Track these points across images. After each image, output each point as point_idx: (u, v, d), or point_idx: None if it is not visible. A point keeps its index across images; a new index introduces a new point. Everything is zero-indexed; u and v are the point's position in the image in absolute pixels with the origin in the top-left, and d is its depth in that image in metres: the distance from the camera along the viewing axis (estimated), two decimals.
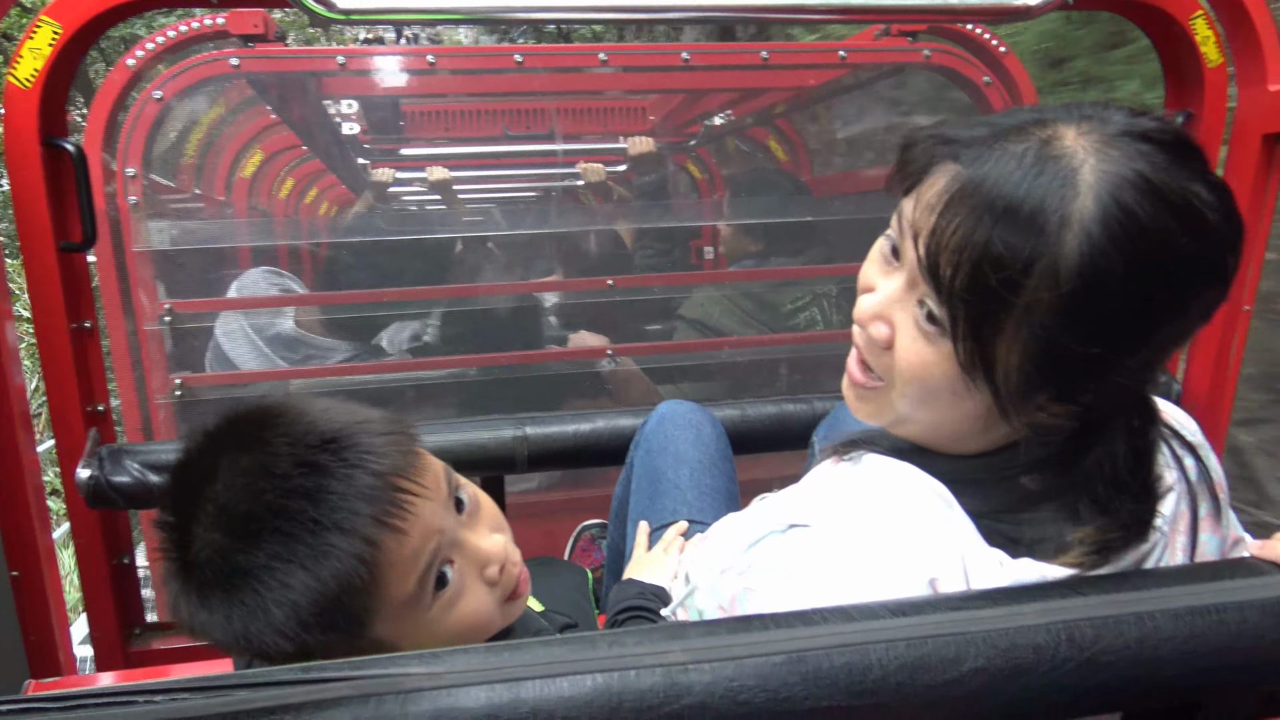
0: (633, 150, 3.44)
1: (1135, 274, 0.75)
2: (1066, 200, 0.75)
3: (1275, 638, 0.82)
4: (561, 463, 1.87)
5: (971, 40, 2.54)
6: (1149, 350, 0.81)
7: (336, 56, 2.54)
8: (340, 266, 2.87)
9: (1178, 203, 0.76)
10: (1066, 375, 0.81)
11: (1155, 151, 0.77)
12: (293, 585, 0.80)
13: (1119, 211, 0.74)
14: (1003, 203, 0.76)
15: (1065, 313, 0.76)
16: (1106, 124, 0.79)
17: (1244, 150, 1.72)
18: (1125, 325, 0.78)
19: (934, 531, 0.85)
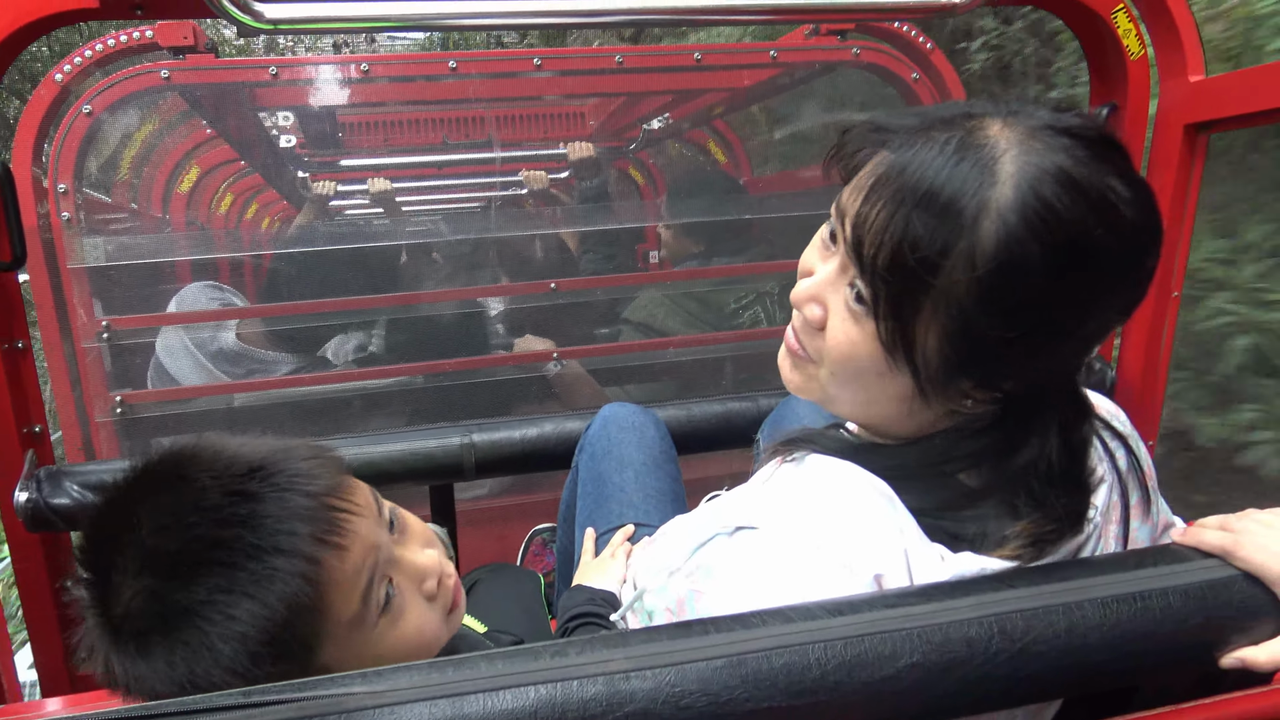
0: (573, 155, 3.45)
1: (1051, 264, 0.78)
2: (984, 187, 0.77)
3: (1198, 621, 0.85)
4: (510, 469, 1.87)
5: (899, 38, 2.59)
6: (1069, 342, 0.84)
7: (269, 67, 2.51)
8: (283, 279, 2.83)
9: (1095, 197, 0.78)
10: (985, 361, 0.83)
11: (1076, 146, 0.79)
12: (238, 616, 0.79)
13: (1036, 202, 0.77)
14: (924, 187, 0.79)
15: (981, 297, 0.79)
16: (1031, 118, 0.82)
17: (1167, 140, 1.77)
18: (1041, 314, 0.81)
19: (877, 529, 0.87)
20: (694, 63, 2.72)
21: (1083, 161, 0.79)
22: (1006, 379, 0.86)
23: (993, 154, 0.79)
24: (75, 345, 2.35)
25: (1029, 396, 0.88)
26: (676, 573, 0.95)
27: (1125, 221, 0.79)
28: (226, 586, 0.79)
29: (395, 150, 3.91)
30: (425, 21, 1.53)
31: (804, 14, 1.93)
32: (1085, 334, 0.84)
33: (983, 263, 0.78)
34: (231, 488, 0.82)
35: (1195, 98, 1.72)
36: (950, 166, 0.79)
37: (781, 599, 0.82)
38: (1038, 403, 0.88)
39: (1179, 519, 1.13)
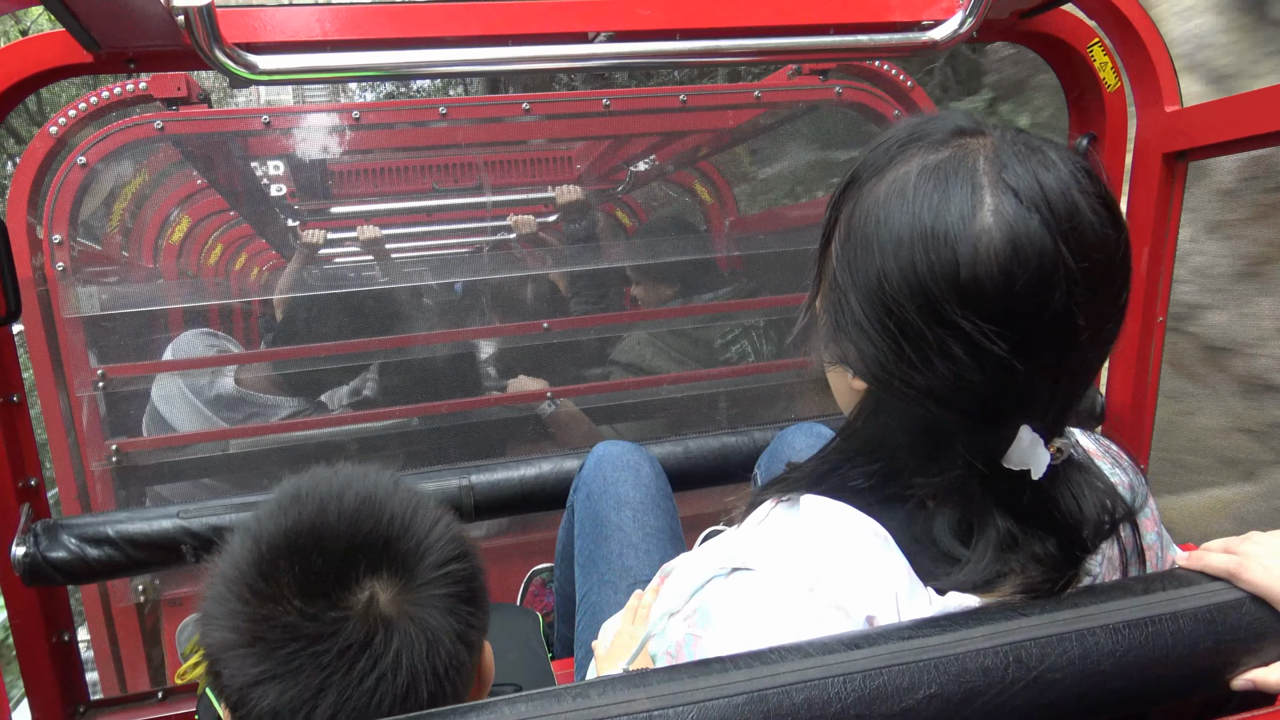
0: (561, 199, 3.48)
1: (863, 266, 0.86)
2: (902, 167, 0.86)
3: (1208, 644, 0.86)
4: (509, 509, 1.87)
5: (881, 77, 2.64)
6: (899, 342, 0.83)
7: (261, 116, 2.54)
8: (278, 324, 2.84)
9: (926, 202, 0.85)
10: (842, 316, 0.88)
11: (1026, 173, 0.83)
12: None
13: (911, 191, 0.83)
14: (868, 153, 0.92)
15: (837, 280, 0.88)
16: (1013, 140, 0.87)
17: (1146, 169, 1.81)
18: (860, 314, 0.86)
19: (870, 571, 0.87)
20: (680, 104, 2.77)
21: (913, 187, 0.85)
22: (853, 354, 0.88)
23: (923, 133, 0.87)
24: (70, 395, 2.34)
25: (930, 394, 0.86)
26: (675, 615, 0.94)
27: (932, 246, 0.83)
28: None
29: (385, 197, 3.93)
30: (412, 71, 1.57)
31: (787, 55, 1.96)
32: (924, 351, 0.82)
33: (842, 240, 0.88)
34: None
35: (1172, 127, 1.76)
36: (895, 146, 0.90)
37: (776, 640, 0.83)
38: (904, 422, 0.89)
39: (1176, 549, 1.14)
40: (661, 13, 1.63)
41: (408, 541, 0.84)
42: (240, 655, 0.79)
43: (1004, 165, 0.80)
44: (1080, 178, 0.80)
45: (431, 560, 0.84)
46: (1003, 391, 0.81)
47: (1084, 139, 1.87)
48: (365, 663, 0.79)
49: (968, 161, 0.81)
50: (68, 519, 1.74)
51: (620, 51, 1.61)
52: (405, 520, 0.85)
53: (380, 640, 0.79)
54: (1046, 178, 0.79)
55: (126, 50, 1.48)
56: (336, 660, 0.78)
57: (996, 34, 1.80)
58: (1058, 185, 0.79)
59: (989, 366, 0.79)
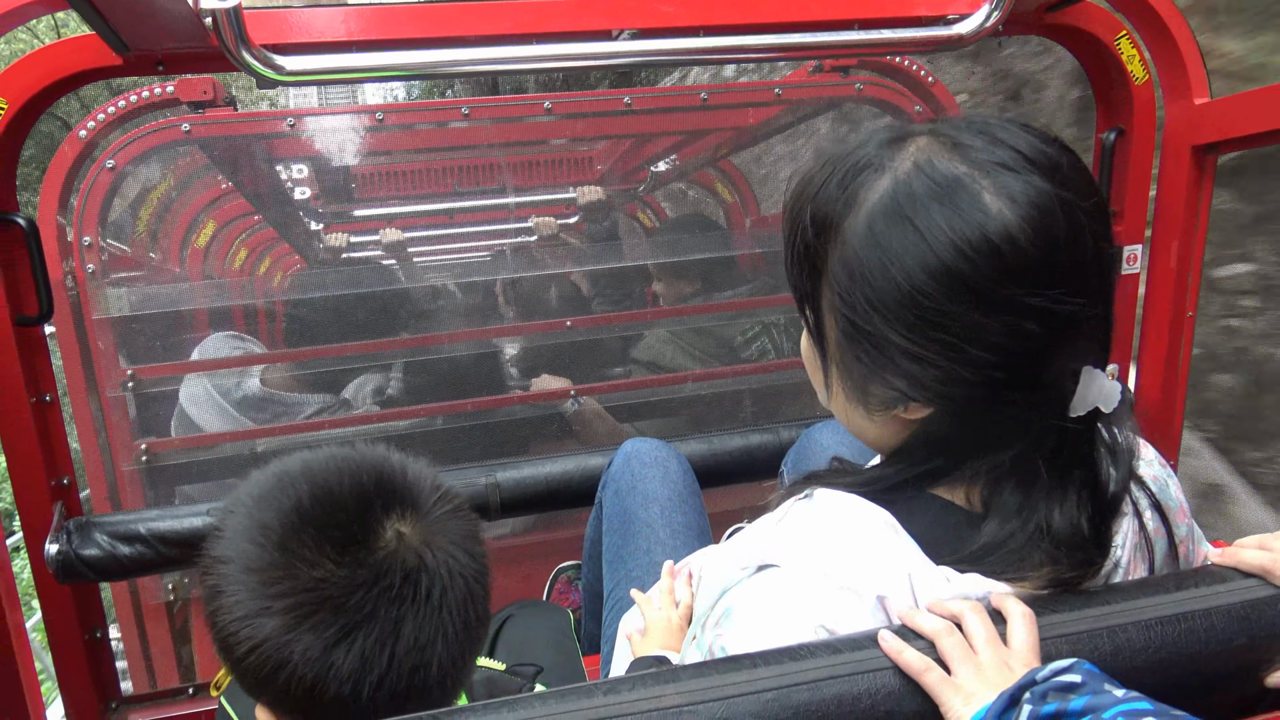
0: (582, 200, 3.50)
1: (890, 279, 0.83)
2: (874, 179, 0.87)
3: (1242, 641, 0.85)
4: (534, 507, 1.88)
5: (901, 72, 2.63)
6: (960, 354, 0.83)
7: (285, 119, 2.56)
8: (303, 324, 2.86)
9: (937, 201, 0.83)
10: (877, 360, 0.87)
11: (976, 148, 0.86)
12: None
13: (909, 201, 0.83)
14: (811, 171, 0.92)
15: (849, 294, 0.86)
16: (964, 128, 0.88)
17: (1175, 163, 1.79)
18: (884, 325, 0.85)
19: (879, 553, 0.88)
20: (700, 102, 2.77)
21: (920, 173, 0.85)
22: (905, 385, 0.87)
23: (899, 148, 0.87)
24: (100, 395, 2.37)
25: (957, 414, 0.88)
26: (706, 622, 0.95)
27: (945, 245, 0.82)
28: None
29: (407, 199, 3.95)
30: (437, 71, 1.57)
31: (812, 51, 1.96)
32: (977, 352, 0.83)
33: (851, 258, 0.86)
34: None
35: (1200, 120, 1.75)
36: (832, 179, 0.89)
37: (793, 628, 0.84)
38: (971, 422, 0.89)
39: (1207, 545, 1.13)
40: (685, 9, 1.63)
41: (404, 478, 0.89)
42: (308, 629, 0.80)
43: (964, 147, 0.84)
44: (1035, 132, 0.85)
45: (437, 496, 0.90)
46: (1070, 344, 0.83)
47: (1111, 133, 1.86)
48: (426, 580, 0.84)
49: (936, 161, 0.84)
50: (100, 517, 1.76)
51: (644, 49, 1.61)
52: (393, 463, 0.91)
53: (428, 559, 0.85)
54: (1013, 141, 0.83)
55: (155, 52, 1.50)
56: (402, 587, 0.83)
57: (1023, 27, 1.79)
58: (1026, 145, 0.83)
59: (1060, 328, 0.82)
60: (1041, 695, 0.73)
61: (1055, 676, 0.74)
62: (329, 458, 0.90)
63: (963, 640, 0.81)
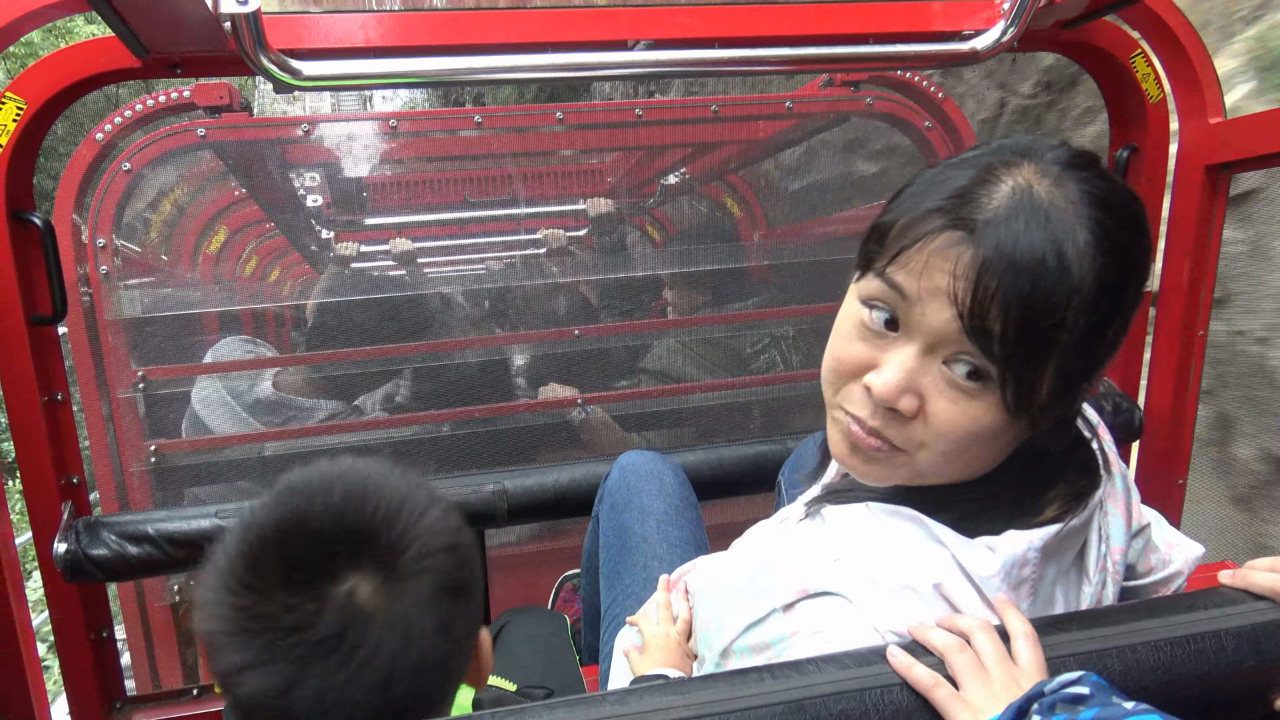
0: (592, 211, 3.51)
1: (1129, 283, 0.85)
2: (1068, 240, 0.82)
3: (1252, 663, 0.85)
4: (542, 514, 1.88)
5: (911, 87, 2.64)
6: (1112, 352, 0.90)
7: (299, 124, 2.57)
8: (315, 329, 2.88)
9: (1126, 213, 0.85)
10: (1079, 389, 0.89)
11: (1091, 175, 0.85)
12: None
13: (1102, 232, 0.82)
14: (1031, 259, 0.81)
15: (1091, 334, 0.84)
16: (1042, 160, 0.86)
17: (1189, 181, 1.79)
18: (1119, 332, 0.87)
19: (919, 546, 0.89)
20: (711, 114, 2.78)
21: (1103, 186, 0.85)
22: (1078, 399, 0.92)
23: (1053, 205, 0.83)
24: (111, 396, 2.38)
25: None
26: (731, 652, 0.93)
27: (1145, 227, 0.88)
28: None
29: (418, 209, 3.96)
30: (454, 78, 1.58)
31: (828, 64, 1.96)
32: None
33: (1095, 302, 0.82)
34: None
35: (1215, 139, 1.74)
36: (1038, 232, 0.82)
37: (862, 644, 0.85)
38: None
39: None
40: (701, 21, 1.64)
41: (391, 532, 0.83)
42: (224, 643, 0.80)
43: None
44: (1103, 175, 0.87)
45: (415, 552, 0.83)
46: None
47: (1125, 150, 1.86)
48: (340, 655, 0.79)
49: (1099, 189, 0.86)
50: (108, 517, 1.76)
51: (659, 59, 1.62)
52: (392, 511, 0.84)
53: (356, 633, 0.79)
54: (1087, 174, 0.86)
55: (173, 55, 1.51)
56: (311, 652, 0.78)
57: (1038, 44, 1.80)
58: (1105, 187, 0.86)
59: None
60: (1050, 706, 0.72)
61: (1064, 689, 0.74)
62: (334, 479, 0.86)
63: (973, 657, 0.81)
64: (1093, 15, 1.69)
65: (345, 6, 2.17)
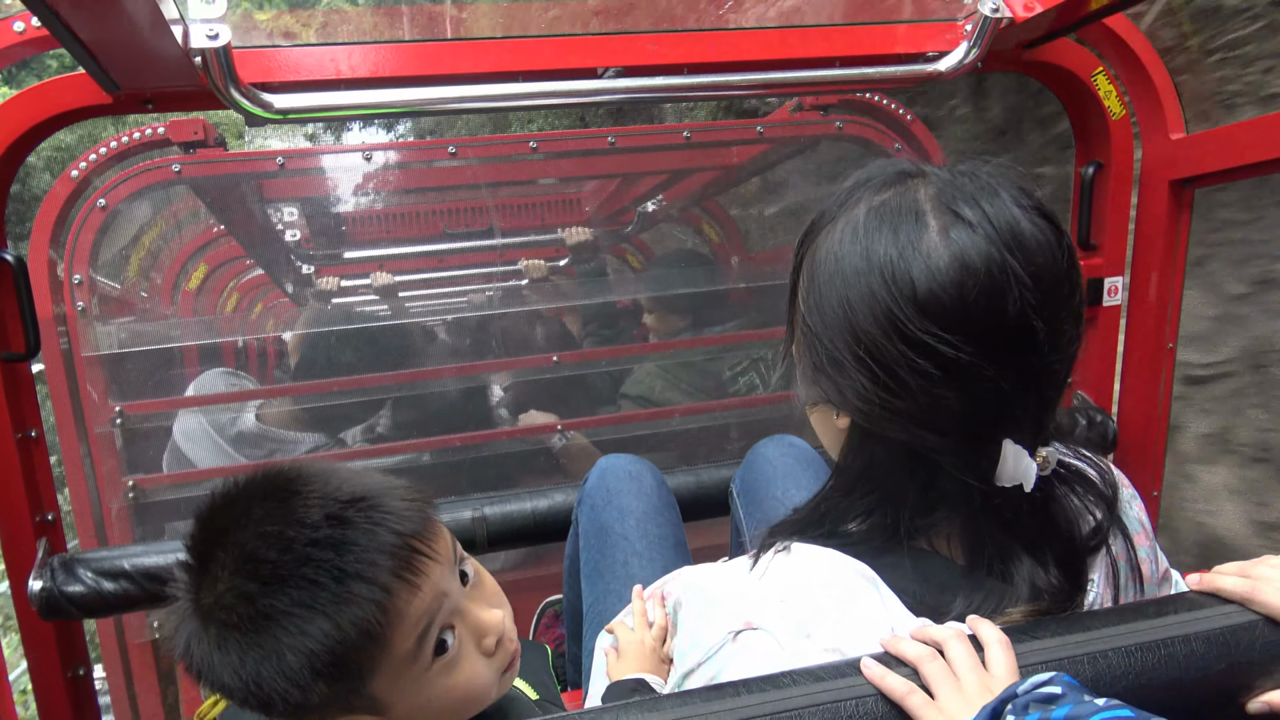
0: (571, 240, 3.54)
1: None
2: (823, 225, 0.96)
3: (1222, 667, 0.86)
4: (522, 540, 1.87)
5: (880, 110, 2.68)
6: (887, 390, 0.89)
7: (275, 158, 2.57)
8: (296, 368, 2.88)
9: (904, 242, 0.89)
10: (817, 356, 0.94)
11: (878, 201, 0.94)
12: (311, 632, 0.83)
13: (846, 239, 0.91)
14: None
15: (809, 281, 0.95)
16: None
17: (1153, 196, 1.82)
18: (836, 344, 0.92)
19: (861, 612, 0.89)
20: (684, 140, 2.80)
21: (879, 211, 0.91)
22: (830, 388, 0.94)
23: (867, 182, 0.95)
24: (88, 432, 2.37)
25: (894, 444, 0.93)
26: (692, 675, 0.95)
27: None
28: (308, 602, 0.84)
29: (397, 242, 3.97)
30: (425, 108, 1.59)
31: (796, 87, 1.99)
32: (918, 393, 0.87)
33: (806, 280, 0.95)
34: (333, 511, 0.87)
35: (1177, 155, 1.77)
36: None
37: None
38: (896, 457, 0.94)
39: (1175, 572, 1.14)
40: (669, 48, 1.66)
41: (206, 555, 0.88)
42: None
43: (942, 194, 0.89)
44: (1016, 194, 0.88)
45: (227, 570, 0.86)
46: (977, 405, 0.87)
47: (1090, 167, 1.88)
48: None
49: (909, 195, 0.90)
50: (84, 553, 1.75)
51: (629, 86, 1.64)
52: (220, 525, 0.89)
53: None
54: (987, 200, 0.87)
55: (144, 91, 1.51)
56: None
57: (1001, 64, 1.83)
58: (996, 206, 0.87)
59: (959, 378, 0.85)
60: (1024, 707, 0.73)
61: (1036, 689, 0.75)
62: (272, 481, 0.91)
63: (946, 665, 0.81)
64: (1053, 35, 1.73)
65: (316, 40, 2.20)
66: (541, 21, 1.86)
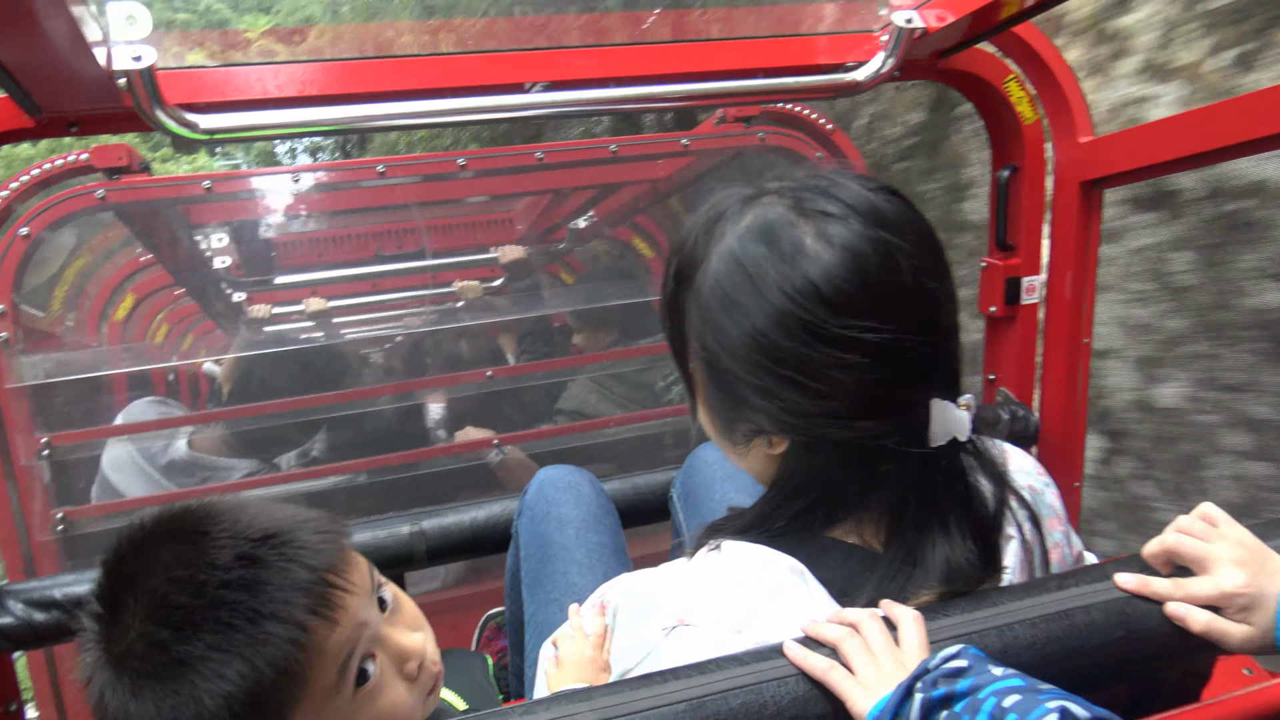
0: (504, 259, 3.55)
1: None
2: (706, 248, 0.98)
3: (1119, 634, 0.90)
4: (462, 553, 1.87)
5: (802, 121, 2.74)
6: (798, 388, 0.91)
7: (202, 181, 2.54)
8: (230, 397, 2.85)
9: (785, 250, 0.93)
10: (734, 398, 0.96)
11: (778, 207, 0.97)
12: (228, 675, 0.82)
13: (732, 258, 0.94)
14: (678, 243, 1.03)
15: (702, 325, 0.97)
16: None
17: (1065, 197, 1.88)
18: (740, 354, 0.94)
19: (789, 606, 0.93)
20: (610, 155, 2.83)
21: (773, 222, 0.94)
22: (762, 419, 0.95)
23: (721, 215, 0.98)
24: (14, 464, 2.32)
25: (819, 448, 0.96)
26: (629, 675, 0.98)
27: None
28: (224, 646, 0.83)
29: (330, 265, 3.93)
30: (352, 126, 1.60)
31: (719, 98, 2.03)
32: (821, 385, 0.91)
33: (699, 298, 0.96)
34: (244, 551, 0.86)
35: (1086, 157, 1.83)
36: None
37: None
38: (834, 455, 0.96)
39: (1093, 554, 1.19)
40: (595, 62, 1.69)
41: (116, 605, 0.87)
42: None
43: (799, 202, 0.94)
44: (864, 181, 0.95)
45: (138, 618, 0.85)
46: (905, 377, 0.91)
47: (1005, 170, 1.94)
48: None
49: (770, 213, 0.94)
50: (13, 585, 1.71)
51: (557, 100, 1.66)
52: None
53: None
54: (839, 192, 0.93)
55: (68, 114, 1.50)
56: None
57: (917, 73, 1.88)
58: (850, 195, 0.92)
59: (886, 358, 0.89)
60: (932, 682, 0.78)
61: (945, 663, 0.79)
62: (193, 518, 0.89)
63: (863, 643, 0.85)
64: (966, 44, 1.78)
65: (243, 60, 2.18)
66: (469, 38, 1.88)
